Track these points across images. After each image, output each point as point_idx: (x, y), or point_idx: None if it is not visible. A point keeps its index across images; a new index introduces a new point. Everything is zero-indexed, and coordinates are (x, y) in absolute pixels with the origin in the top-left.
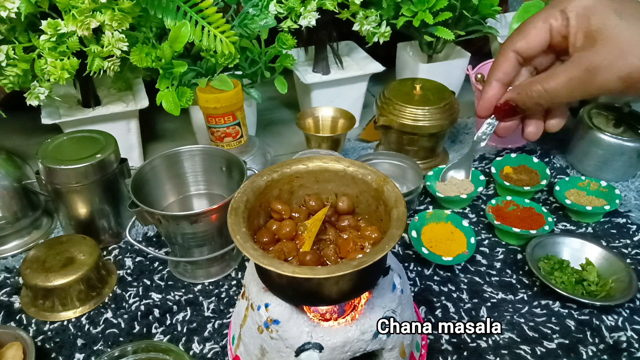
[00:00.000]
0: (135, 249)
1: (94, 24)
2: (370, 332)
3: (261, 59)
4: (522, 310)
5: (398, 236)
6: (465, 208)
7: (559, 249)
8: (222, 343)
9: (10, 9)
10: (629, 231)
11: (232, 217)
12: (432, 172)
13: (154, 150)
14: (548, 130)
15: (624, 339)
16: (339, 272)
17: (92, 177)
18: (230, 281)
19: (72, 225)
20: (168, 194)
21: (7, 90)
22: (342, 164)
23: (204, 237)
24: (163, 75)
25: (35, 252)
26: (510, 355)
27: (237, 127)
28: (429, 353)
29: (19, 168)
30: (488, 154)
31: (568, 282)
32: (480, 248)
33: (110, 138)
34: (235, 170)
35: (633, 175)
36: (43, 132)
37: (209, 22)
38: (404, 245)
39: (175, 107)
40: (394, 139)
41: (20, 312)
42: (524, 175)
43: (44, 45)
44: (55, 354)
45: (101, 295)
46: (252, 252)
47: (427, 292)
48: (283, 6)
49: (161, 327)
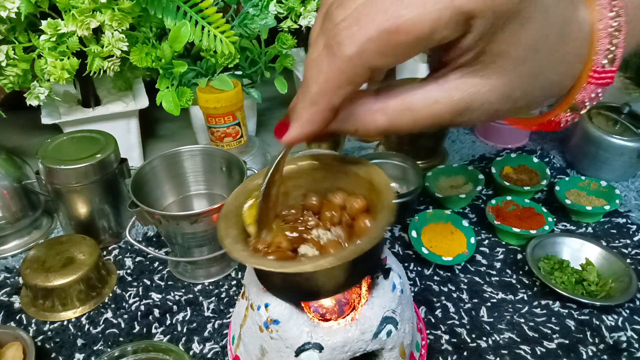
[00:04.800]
0: (135, 249)
1: (94, 24)
2: (370, 332)
3: (261, 59)
4: (522, 310)
5: (387, 222)
6: (465, 208)
7: (559, 249)
8: (222, 343)
9: (10, 9)
10: (629, 231)
11: (222, 222)
12: (431, 172)
13: (154, 150)
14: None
15: (624, 339)
16: (327, 265)
17: (92, 177)
18: (230, 281)
19: (72, 225)
20: (168, 194)
21: (7, 90)
22: (333, 159)
23: (204, 237)
24: (163, 75)
25: (35, 252)
26: (510, 355)
27: (237, 127)
28: (429, 353)
29: (19, 168)
30: (488, 153)
31: (568, 282)
32: (480, 248)
33: (110, 138)
34: (235, 170)
35: (633, 175)
36: (43, 132)
37: (209, 22)
38: (404, 245)
39: (175, 107)
40: (394, 139)
41: (20, 312)
42: (524, 175)
43: (44, 45)
44: (55, 354)
45: (101, 295)
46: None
47: (427, 292)
48: (283, 6)
49: (161, 327)
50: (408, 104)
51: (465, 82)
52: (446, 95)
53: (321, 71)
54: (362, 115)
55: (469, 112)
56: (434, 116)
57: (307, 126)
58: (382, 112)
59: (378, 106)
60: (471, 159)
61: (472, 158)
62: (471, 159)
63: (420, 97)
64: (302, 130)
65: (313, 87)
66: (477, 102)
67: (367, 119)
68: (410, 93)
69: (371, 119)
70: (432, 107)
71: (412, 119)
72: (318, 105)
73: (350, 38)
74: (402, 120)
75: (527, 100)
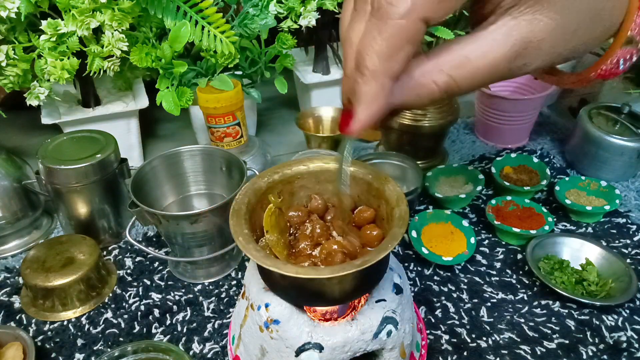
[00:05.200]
0: (135, 249)
1: (94, 24)
2: (370, 332)
3: (261, 59)
4: (522, 310)
5: (401, 235)
6: (465, 208)
7: (559, 249)
8: (222, 343)
9: (10, 9)
10: (629, 231)
11: (234, 219)
12: (431, 172)
13: (154, 150)
14: None
15: (624, 339)
16: (342, 272)
17: (92, 177)
18: (230, 281)
19: (72, 225)
20: (168, 194)
21: (7, 90)
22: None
23: (204, 237)
24: (163, 75)
25: (35, 252)
26: (510, 355)
27: (237, 127)
28: (429, 353)
29: (19, 168)
30: (488, 153)
31: (568, 282)
32: (480, 248)
33: (110, 138)
34: (235, 170)
35: (633, 175)
36: (43, 131)
37: (209, 22)
38: (404, 245)
39: (175, 107)
40: (394, 139)
41: (20, 312)
42: (524, 175)
43: (44, 45)
44: (55, 354)
45: (101, 295)
46: (254, 253)
47: (427, 292)
48: (283, 6)
49: (161, 327)
50: (464, 56)
51: (517, 23)
52: (500, 40)
53: (375, 39)
54: (421, 78)
55: (528, 53)
56: (491, 65)
57: (374, 105)
58: (439, 71)
59: (434, 65)
60: (471, 159)
61: (472, 158)
62: (471, 159)
63: (475, 47)
64: (370, 110)
65: (369, 59)
66: (533, 42)
67: (426, 81)
68: (463, 45)
69: (430, 80)
70: (487, 55)
71: (470, 71)
72: (380, 77)
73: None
74: (460, 75)
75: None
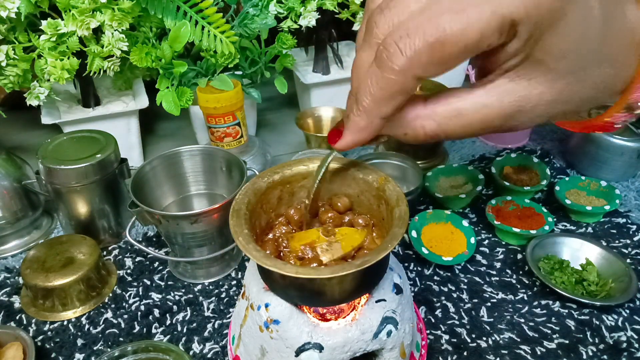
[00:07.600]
0: (135, 249)
1: (94, 24)
2: (370, 332)
3: (261, 59)
4: (522, 310)
5: (401, 235)
6: (465, 208)
7: (559, 249)
8: (222, 343)
9: (10, 9)
10: (629, 231)
11: (234, 219)
12: (431, 172)
13: (154, 150)
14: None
15: (624, 339)
16: (342, 272)
17: (92, 177)
18: (230, 281)
19: (72, 225)
20: (168, 194)
21: (7, 90)
22: (342, 163)
23: (204, 237)
24: (163, 75)
25: (35, 252)
26: (510, 355)
27: (237, 127)
28: (429, 353)
29: (19, 168)
30: (488, 153)
31: (568, 282)
32: (480, 248)
33: (110, 138)
34: (235, 170)
35: (633, 175)
36: (43, 131)
37: (209, 22)
38: (404, 245)
39: (175, 107)
40: (394, 139)
41: (20, 312)
42: (524, 175)
43: (44, 45)
44: (55, 354)
45: (101, 295)
46: (254, 253)
47: (427, 292)
48: (283, 6)
49: (161, 327)
50: (457, 109)
51: (514, 86)
52: (495, 99)
53: (373, 83)
54: (412, 121)
55: (520, 115)
56: (483, 121)
57: (360, 134)
58: (431, 118)
59: (427, 112)
60: (471, 159)
61: (472, 158)
62: (471, 159)
63: (470, 102)
64: (355, 137)
65: (365, 99)
66: (528, 105)
67: (417, 125)
68: (459, 98)
69: (420, 124)
70: (481, 111)
71: (461, 124)
72: (371, 116)
73: (401, 51)
74: (451, 126)
75: (578, 101)
